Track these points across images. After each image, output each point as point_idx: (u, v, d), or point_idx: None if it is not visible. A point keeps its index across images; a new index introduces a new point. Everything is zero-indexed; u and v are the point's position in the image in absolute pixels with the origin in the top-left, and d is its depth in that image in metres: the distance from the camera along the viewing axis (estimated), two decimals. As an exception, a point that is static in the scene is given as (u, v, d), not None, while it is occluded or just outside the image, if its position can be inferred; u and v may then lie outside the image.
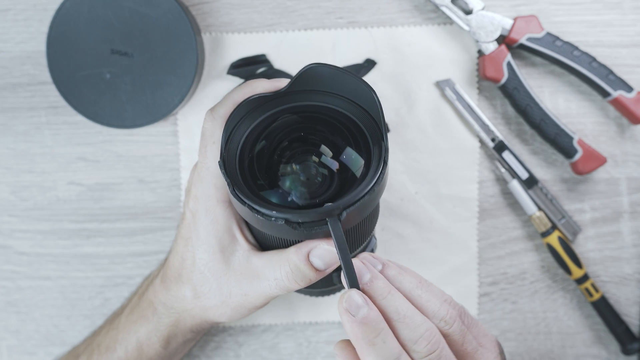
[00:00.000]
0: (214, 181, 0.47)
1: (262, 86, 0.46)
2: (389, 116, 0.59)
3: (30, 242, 0.62)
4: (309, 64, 0.44)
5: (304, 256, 0.45)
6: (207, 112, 0.47)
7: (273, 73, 0.58)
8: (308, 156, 0.46)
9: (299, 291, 0.54)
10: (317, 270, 0.45)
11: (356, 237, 0.46)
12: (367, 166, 0.44)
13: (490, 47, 0.57)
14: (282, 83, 0.46)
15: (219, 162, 0.43)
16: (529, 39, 0.57)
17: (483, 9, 0.57)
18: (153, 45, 0.55)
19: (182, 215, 0.51)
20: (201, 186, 0.48)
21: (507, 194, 0.60)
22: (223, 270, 0.48)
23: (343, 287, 0.52)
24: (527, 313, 0.62)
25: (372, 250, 0.52)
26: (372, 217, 0.47)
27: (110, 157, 0.61)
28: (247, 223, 0.49)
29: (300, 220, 0.41)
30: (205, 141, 0.47)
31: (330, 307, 0.62)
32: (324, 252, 0.44)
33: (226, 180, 0.43)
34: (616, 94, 0.57)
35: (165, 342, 0.53)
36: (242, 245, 0.48)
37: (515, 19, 0.57)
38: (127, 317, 0.55)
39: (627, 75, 0.59)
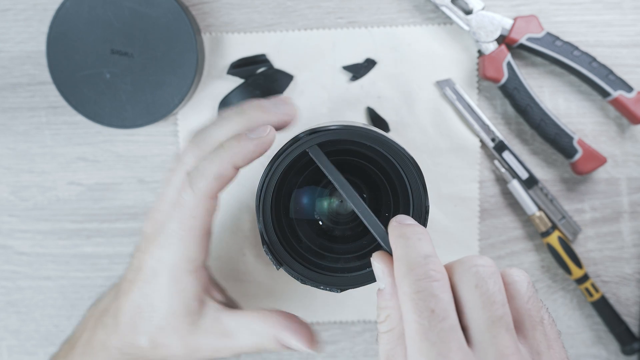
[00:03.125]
0: (186, 253, 0.45)
1: (242, 151, 0.43)
2: (389, 116, 0.59)
3: (30, 242, 0.62)
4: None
5: (276, 340, 0.46)
6: (186, 181, 0.44)
7: (273, 73, 0.58)
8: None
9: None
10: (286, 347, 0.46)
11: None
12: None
13: (490, 47, 0.57)
14: (261, 133, 0.43)
15: (264, 249, 0.42)
16: (529, 39, 0.57)
17: (483, 9, 0.57)
18: (153, 45, 0.55)
19: (138, 262, 0.48)
20: (168, 253, 0.45)
21: (507, 194, 0.60)
22: (189, 330, 0.47)
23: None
24: (527, 313, 0.62)
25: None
26: None
27: (110, 157, 0.61)
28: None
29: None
30: (182, 212, 0.44)
31: (330, 307, 0.62)
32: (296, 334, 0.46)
33: (273, 262, 0.42)
34: (616, 94, 0.57)
35: None
36: (212, 307, 0.47)
37: (515, 19, 0.57)
38: (80, 357, 0.52)
39: (627, 75, 0.59)
